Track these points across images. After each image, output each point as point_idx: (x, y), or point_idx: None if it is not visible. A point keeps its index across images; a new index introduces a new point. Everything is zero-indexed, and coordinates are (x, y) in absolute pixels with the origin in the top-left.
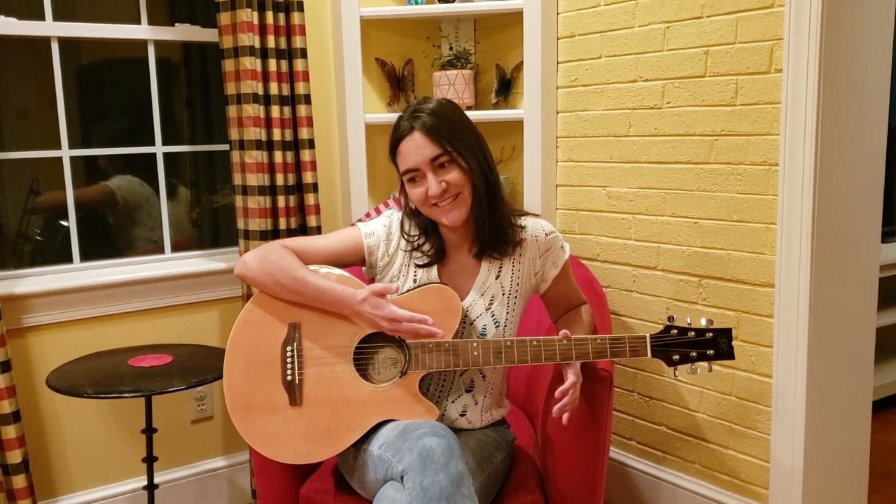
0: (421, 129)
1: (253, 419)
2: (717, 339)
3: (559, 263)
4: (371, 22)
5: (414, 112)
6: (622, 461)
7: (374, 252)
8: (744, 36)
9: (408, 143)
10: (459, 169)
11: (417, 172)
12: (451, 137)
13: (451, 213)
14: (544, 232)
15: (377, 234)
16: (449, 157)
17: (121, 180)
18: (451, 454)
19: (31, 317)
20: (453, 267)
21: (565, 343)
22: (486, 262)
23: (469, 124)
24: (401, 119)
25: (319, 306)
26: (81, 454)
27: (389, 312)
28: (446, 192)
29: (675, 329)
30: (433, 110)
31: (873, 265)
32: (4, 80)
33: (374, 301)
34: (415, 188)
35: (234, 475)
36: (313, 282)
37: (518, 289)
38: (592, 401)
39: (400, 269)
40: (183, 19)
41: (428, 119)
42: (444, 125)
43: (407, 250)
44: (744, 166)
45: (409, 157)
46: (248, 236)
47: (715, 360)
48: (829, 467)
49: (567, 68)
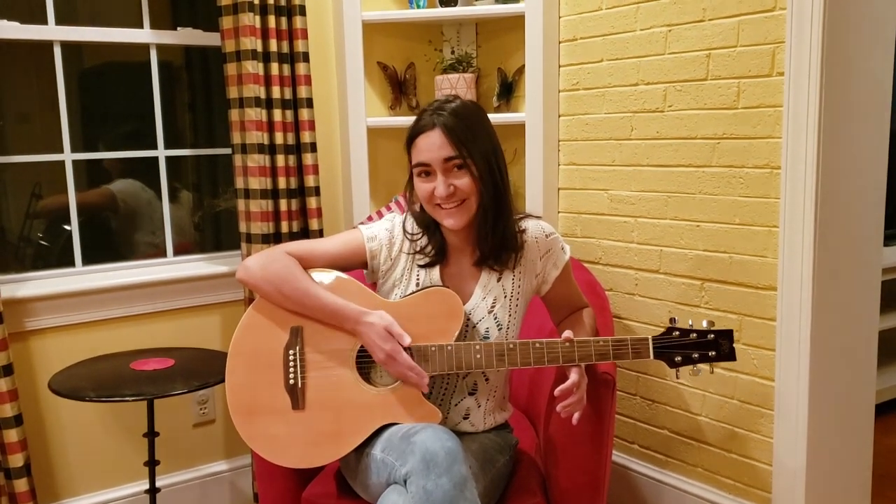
0: (441, 128)
1: (255, 423)
2: (719, 341)
3: (560, 265)
4: (373, 26)
5: (438, 108)
6: (625, 465)
7: (377, 256)
8: (746, 39)
9: (426, 139)
10: (470, 176)
11: (429, 168)
12: (468, 142)
13: (453, 218)
14: (544, 233)
15: (379, 238)
16: (462, 161)
17: (123, 184)
18: (454, 457)
19: (34, 320)
20: (455, 269)
21: (568, 345)
22: (486, 269)
23: (490, 131)
24: (424, 112)
25: (320, 318)
26: (83, 458)
27: (393, 350)
28: (453, 195)
29: (677, 331)
30: (457, 111)
31: (876, 268)
32: (7, 84)
33: (383, 334)
34: (423, 183)
35: (235, 479)
36: (316, 294)
37: (520, 291)
38: (595, 404)
39: (402, 273)
40: (185, 23)
41: (450, 119)
42: (465, 129)
43: (410, 253)
44: (746, 169)
45: (423, 152)
46: (250, 240)
47: (717, 361)
48: (832, 471)
49: (569, 72)
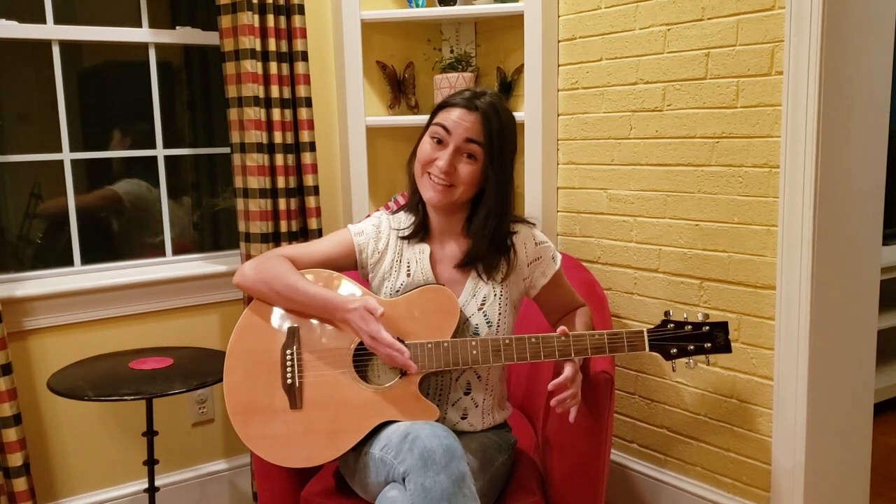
0: (481, 113)
1: (254, 423)
2: (714, 333)
3: (549, 274)
4: (372, 25)
5: (482, 96)
6: (623, 464)
7: (364, 250)
8: (744, 38)
9: (462, 113)
10: (477, 171)
11: (446, 137)
12: (496, 140)
13: (435, 192)
14: (535, 241)
15: (366, 232)
16: (481, 152)
17: (128, 185)
18: (453, 455)
19: (33, 320)
20: (444, 267)
21: (563, 339)
22: (474, 270)
23: (513, 139)
24: (465, 91)
25: (310, 312)
26: (82, 457)
27: (374, 330)
28: (448, 174)
29: (672, 323)
30: (496, 107)
31: (874, 267)
32: (6, 84)
33: (363, 314)
34: (430, 144)
35: (234, 478)
36: (304, 288)
37: (507, 292)
38: (593, 403)
39: (391, 265)
40: (184, 22)
41: (491, 111)
42: (500, 128)
43: (395, 230)
44: (745, 168)
45: (452, 120)
46: (249, 239)
47: (712, 353)
48: (831, 469)
49: (568, 71)
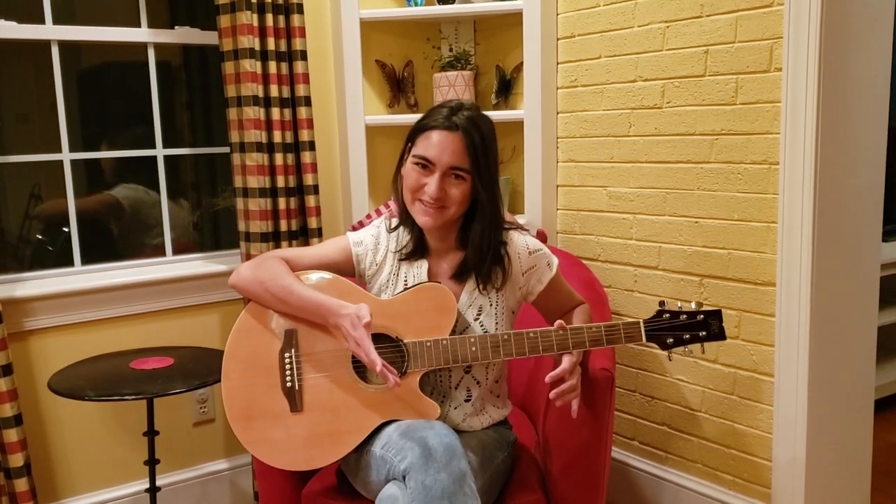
0: (463, 134)
1: (254, 428)
2: (708, 321)
3: (545, 280)
4: (371, 24)
5: (458, 110)
6: (624, 461)
7: (363, 261)
8: (743, 35)
9: (442, 137)
10: (467, 190)
11: (432, 165)
12: (481, 158)
13: (428, 217)
14: (528, 250)
15: (365, 242)
16: (469, 175)
17: (126, 190)
18: (453, 453)
19: (33, 320)
20: (440, 277)
21: (561, 333)
22: (471, 280)
23: (496, 148)
24: (441, 108)
25: (304, 315)
26: (83, 457)
27: (359, 337)
28: (439, 199)
29: (667, 313)
30: (475, 121)
31: (874, 264)
32: (5, 84)
33: (354, 321)
34: (416, 174)
35: (235, 477)
36: (298, 290)
37: (503, 301)
38: (594, 400)
39: (389, 277)
40: (183, 22)
41: (471, 127)
42: (482, 143)
43: (395, 251)
44: (744, 165)
45: (434, 148)
46: (248, 238)
47: (707, 341)
48: (832, 466)
49: (567, 69)
